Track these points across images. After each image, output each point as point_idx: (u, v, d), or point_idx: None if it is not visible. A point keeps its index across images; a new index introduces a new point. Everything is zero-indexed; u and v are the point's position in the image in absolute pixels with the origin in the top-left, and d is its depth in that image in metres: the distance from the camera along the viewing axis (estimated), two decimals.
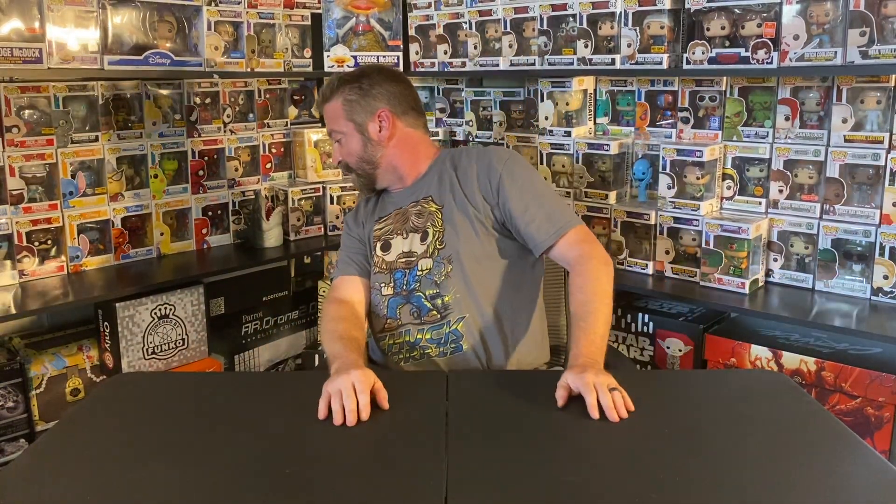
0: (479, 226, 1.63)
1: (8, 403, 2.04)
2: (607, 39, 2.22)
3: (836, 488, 1.05)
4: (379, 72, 1.75)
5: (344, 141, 1.72)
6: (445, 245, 1.62)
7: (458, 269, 1.60)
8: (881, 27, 1.77)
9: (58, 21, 2.06)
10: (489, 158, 1.68)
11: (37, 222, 2.16)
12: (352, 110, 1.69)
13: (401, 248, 1.67)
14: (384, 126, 1.69)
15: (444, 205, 1.66)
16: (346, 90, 1.70)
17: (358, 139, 1.70)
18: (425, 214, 1.67)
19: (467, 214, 1.63)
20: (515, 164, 1.66)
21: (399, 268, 1.65)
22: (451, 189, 1.67)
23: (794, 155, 2.05)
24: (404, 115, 1.72)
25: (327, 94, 1.74)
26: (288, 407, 1.32)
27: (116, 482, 1.07)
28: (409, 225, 1.68)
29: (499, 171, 1.64)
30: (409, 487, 1.04)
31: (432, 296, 1.61)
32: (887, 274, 1.92)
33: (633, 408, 1.24)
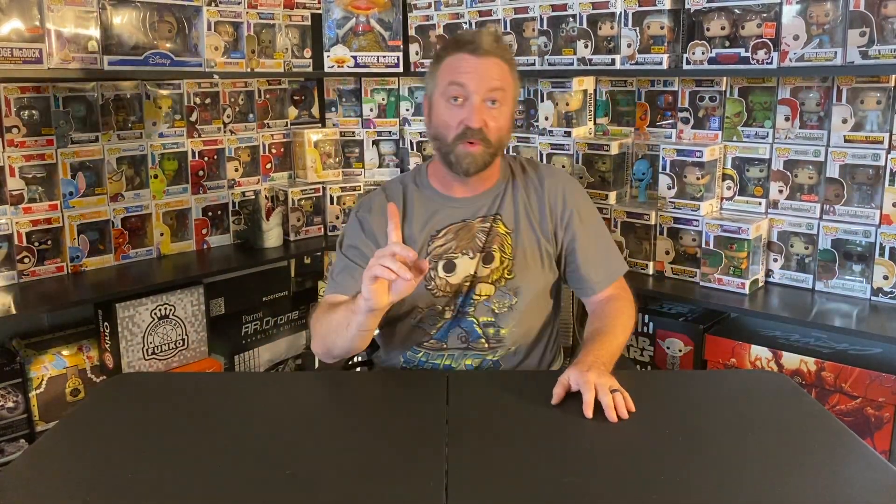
0: (545, 258, 1.55)
1: (8, 404, 2.04)
2: (607, 40, 2.22)
3: (836, 488, 1.05)
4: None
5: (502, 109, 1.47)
6: (515, 276, 1.52)
7: (521, 303, 1.52)
8: (881, 27, 1.77)
9: (58, 21, 2.06)
10: (562, 189, 1.56)
11: (37, 222, 2.16)
12: (515, 83, 1.51)
13: (467, 270, 1.51)
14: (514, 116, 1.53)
15: (514, 230, 1.53)
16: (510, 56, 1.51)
17: (510, 113, 1.50)
18: (493, 235, 1.52)
19: (538, 245, 1.54)
20: (584, 199, 1.60)
21: (462, 291, 1.52)
22: (527, 214, 1.54)
23: (794, 155, 2.05)
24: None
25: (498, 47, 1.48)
26: (288, 407, 1.32)
27: (116, 482, 1.07)
28: (475, 243, 1.52)
29: (571, 207, 1.55)
30: (409, 487, 1.04)
31: (486, 323, 1.52)
32: (887, 274, 1.92)
33: (633, 409, 1.23)
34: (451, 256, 1.52)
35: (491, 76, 1.46)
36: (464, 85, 1.45)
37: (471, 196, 1.55)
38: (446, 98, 1.48)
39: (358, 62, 2.69)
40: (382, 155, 2.87)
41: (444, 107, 1.48)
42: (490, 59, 1.46)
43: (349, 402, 1.37)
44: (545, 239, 1.55)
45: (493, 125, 1.46)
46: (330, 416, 1.30)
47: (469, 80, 1.45)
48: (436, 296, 1.52)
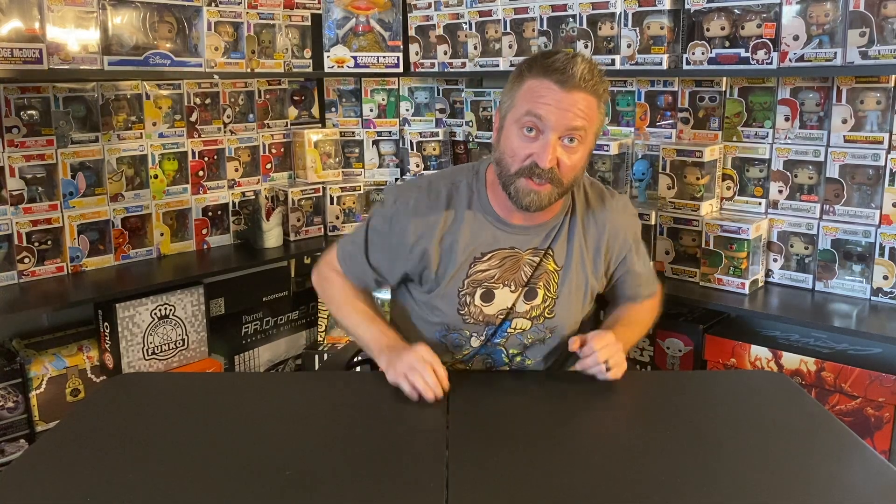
0: (588, 294, 1.51)
1: (8, 404, 2.04)
2: (607, 40, 2.22)
3: (836, 488, 1.05)
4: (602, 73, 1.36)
5: (578, 149, 1.34)
6: (555, 315, 1.46)
7: (554, 339, 1.49)
8: (881, 28, 1.77)
9: (58, 21, 2.06)
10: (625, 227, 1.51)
11: (37, 223, 2.16)
12: (600, 123, 1.36)
13: (504, 304, 1.44)
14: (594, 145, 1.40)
15: (564, 267, 1.45)
16: (603, 90, 1.34)
17: (586, 157, 1.37)
18: (541, 271, 1.44)
19: (585, 283, 1.48)
20: (639, 227, 1.59)
21: (494, 322, 1.46)
22: (580, 253, 1.46)
23: (794, 155, 2.05)
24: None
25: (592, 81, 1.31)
26: (288, 407, 1.32)
27: (116, 482, 1.07)
28: (520, 276, 1.43)
29: (630, 242, 1.53)
30: (409, 488, 1.04)
31: (514, 355, 1.51)
32: (887, 274, 1.92)
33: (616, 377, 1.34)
34: (491, 286, 1.43)
35: (574, 114, 1.31)
36: (542, 118, 1.31)
37: (527, 225, 1.44)
38: (520, 126, 1.34)
39: (358, 62, 2.70)
40: (382, 155, 2.88)
41: (517, 134, 1.35)
42: (578, 93, 1.31)
43: (349, 403, 1.37)
44: (594, 277, 1.50)
45: (566, 164, 1.33)
46: (330, 416, 1.30)
47: (549, 113, 1.31)
48: (466, 322, 1.46)
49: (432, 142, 2.78)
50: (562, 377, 1.59)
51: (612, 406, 1.32)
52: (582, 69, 1.31)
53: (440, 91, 2.86)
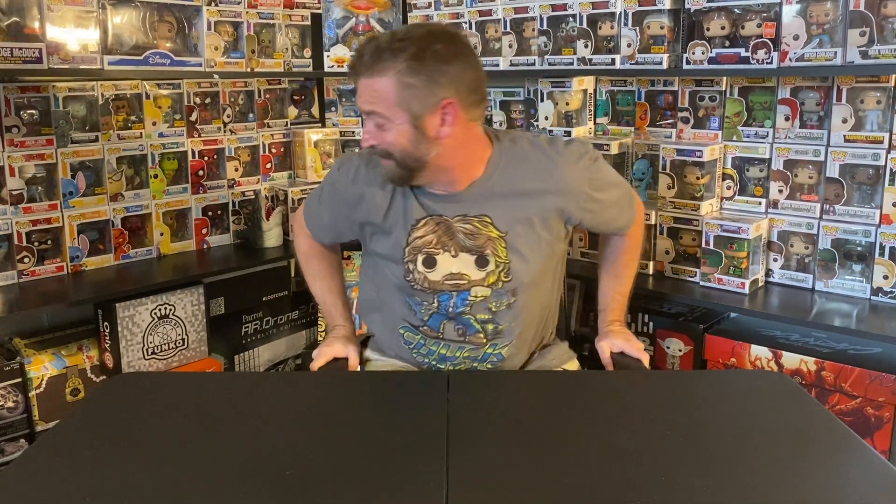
0: (546, 248, 1.50)
1: (8, 403, 2.04)
2: (607, 39, 2.22)
3: (837, 488, 1.05)
4: (449, 43, 1.34)
5: (388, 128, 1.36)
6: (512, 278, 1.47)
7: (520, 301, 1.50)
8: (881, 27, 1.77)
9: (58, 21, 2.06)
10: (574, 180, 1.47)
11: (36, 222, 2.16)
12: (408, 96, 1.32)
13: (449, 269, 1.46)
14: (447, 121, 1.35)
15: (508, 231, 1.45)
16: (403, 67, 1.31)
17: (408, 132, 1.35)
18: (481, 238, 1.46)
19: (537, 240, 1.48)
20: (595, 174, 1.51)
21: (445, 290, 1.48)
22: (517, 212, 1.45)
23: (794, 155, 2.05)
24: (471, 107, 1.38)
25: (373, 64, 1.33)
26: (288, 407, 1.32)
27: (116, 482, 1.07)
28: (459, 243, 1.46)
29: (586, 191, 1.49)
30: (409, 488, 1.04)
31: (484, 321, 1.51)
32: (887, 274, 1.92)
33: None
34: (431, 251, 1.46)
35: (364, 100, 1.37)
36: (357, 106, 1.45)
37: (446, 193, 1.46)
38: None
39: None
40: None
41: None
42: (363, 80, 1.36)
43: (349, 402, 1.37)
44: (548, 232, 1.49)
45: (385, 141, 1.38)
46: (330, 416, 1.30)
47: (358, 100, 1.40)
48: (414, 288, 1.49)
49: None
50: (562, 377, 1.59)
51: (613, 405, 1.32)
52: (365, 55, 1.34)
53: None
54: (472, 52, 1.41)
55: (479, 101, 1.40)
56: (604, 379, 1.52)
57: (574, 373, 1.68)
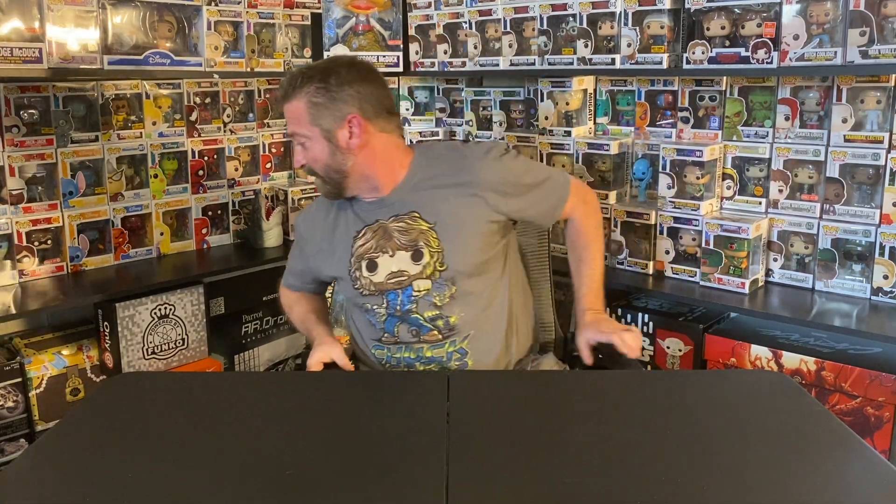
0: (478, 238, 1.56)
1: (8, 403, 2.04)
2: (607, 39, 2.22)
3: (837, 488, 1.05)
4: (349, 68, 1.55)
5: (308, 145, 1.55)
6: (447, 267, 1.54)
7: (462, 290, 1.55)
8: (881, 27, 1.77)
9: (58, 21, 2.06)
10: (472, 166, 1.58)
11: (37, 222, 2.16)
12: (318, 114, 1.52)
13: (389, 268, 1.56)
14: (355, 133, 1.52)
15: (436, 222, 1.55)
16: (311, 89, 1.51)
17: (324, 146, 1.54)
18: (413, 232, 1.56)
19: (465, 227, 1.55)
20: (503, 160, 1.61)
21: (390, 289, 1.57)
22: (442, 203, 1.56)
23: (794, 155, 2.05)
24: (377, 119, 1.55)
25: (289, 91, 1.54)
26: (288, 407, 1.32)
27: (116, 481, 1.07)
28: (395, 242, 1.56)
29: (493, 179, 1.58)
30: (409, 488, 1.04)
31: (432, 317, 1.56)
32: (887, 274, 1.92)
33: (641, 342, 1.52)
34: (372, 256, 1.58)
35: (291, 121, 1.57)
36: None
37: (377, 199, 1.61)
38: None
39: None
40: None
41: None
42: (286, 104, 1.56)
43: (349, 402, 1.37)
44: (470, 217, 1.56)
45: (310, 163, 1.57)
46: (330, 415, 1.30)
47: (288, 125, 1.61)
48: (363, 294, 1.60)
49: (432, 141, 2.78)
50: (562, 377, 1.59)
51: (613, 405, 1.32)
52: (284, 85, 1.56)
53: (440, 90, 2.86)
54: (373, 74, 1.60)
55: (384, 115, 1.58)
56: (604, 379, 1.52)
57: (574, 373, 1.68)
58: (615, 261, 2.30)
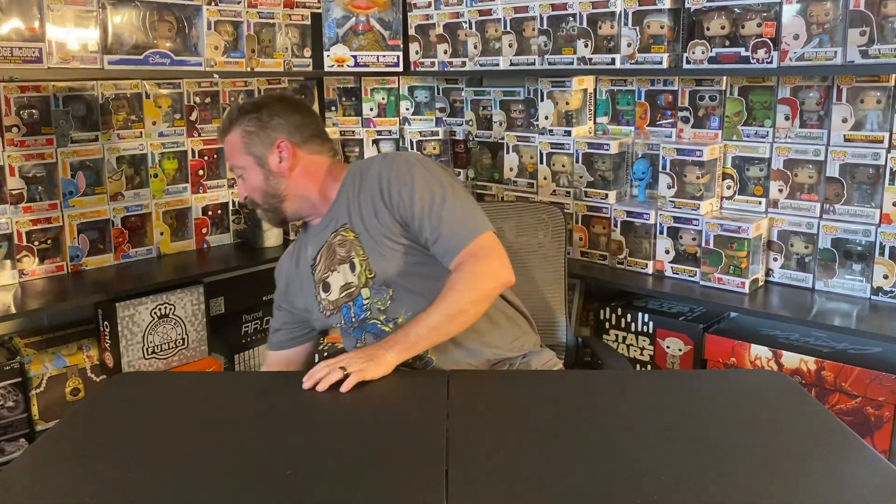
0: (396, 245, 1.57)
1: (8, 403, 2.04)
2: (607, 39, 2.22)
3: (836, 488, 1.05)
4: (279, 101, 1.71)
5: (245, 175, 1.67)
6: (375, 273, 1.58)
7: (399, 291, 1.57)
8: (881, 27, 1.77)
9: (58, 21, 2.06)
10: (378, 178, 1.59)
11: (37, 222, 2.16)
12: (250, 143, 1.65)
13: (339, 283, 1.62)
14: (284, 157, 1.64)
15: (360, 232, 1.60)
16: (244, 122, 1.65)
17: (259, 172, 1.65)
18: (347, 244, 1.61)
19: (382, 235, 1.57)
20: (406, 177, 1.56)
21: (344, 302, 1.62)
22: (360, 212, 1.60)
23: (794, 154, 2.05)
24: (305, 144, 1.67)
25: (225, 126, 1.68)
26: (288, 406, 1.32)
27: (116, 481, 1.07)
28: (337, 258, 1.63)
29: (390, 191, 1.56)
30: (409, 487, 1.04)
31: (385, 321, 1.58)
32: (887, 273, 1.92)
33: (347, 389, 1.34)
34: (324, 277, 1.64)
35: (228, 154, 1.70)
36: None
37: (320, 222, 1.68)
38: None
39: (358, 61, 2.69)
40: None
41: None
42: (224, 138, 1.68)
43: (349, 402, 1.37)
44: (382, 226, 1.57)
45: (250, 192, 1.68)
46: (330, 415, 1.30)
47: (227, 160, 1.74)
48: (328, 316, 1.66)
49: (432, 141, 2.78)
50: (561, 376, 1.59)
51: (612, 405, 1.32)
52: (223, 120, 1.70)
53: (440, 90, 2.86)
54: (301, 106, 1.74)
55: (314, 140, 1.68)
56: (604, 378, 1.53)
57: (574, 372, 1.69)
58: (615, 260, 2.30)
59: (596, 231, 2.34)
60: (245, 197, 1.71)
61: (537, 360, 1.65)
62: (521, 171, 2.55)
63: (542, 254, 1.94)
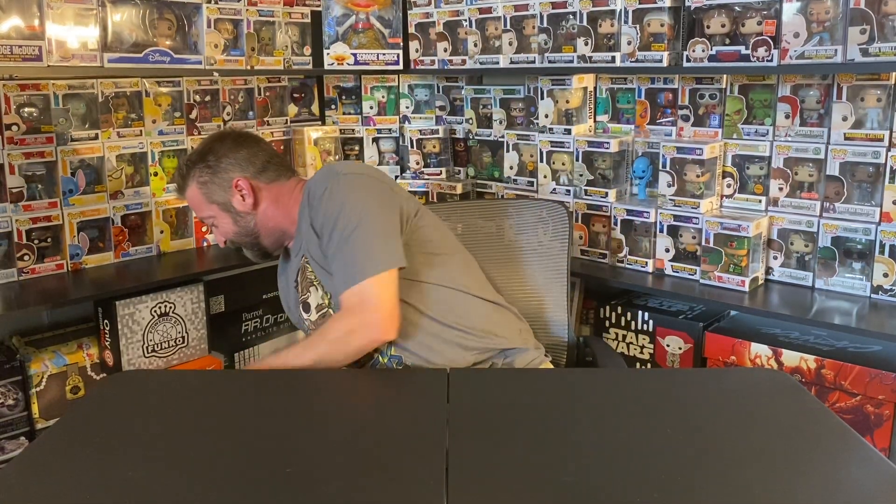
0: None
1: (8, 401, 2.04)
2: (607, 37, 2.22)
3: (836, 486, 1.05)
4: (220, 141, 1.70)
5: (216, 223, 1.70)
6: (331, 295, 1.59)
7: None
8: (881, 25, 1.77)
9: (57, 19, 2.06)
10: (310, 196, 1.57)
11: (36, 220, 2.16)
12: (209, 192, 1.67)
13: (314, 304, 1.64)
14: (245, 195, 1.65)
15: (309, 259, 1.61)
16: (196, 174, 1.67)
17: (227, 217, 1.68)
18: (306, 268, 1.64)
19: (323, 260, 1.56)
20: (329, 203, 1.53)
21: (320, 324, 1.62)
22: (306, 239, 1.60)
23: (795, 153, 2.05)
24: (261, 174, 1.68)
25: (180, 185, 1.70)
26: (288, 405, 1.32)
27: (117, 480, 1.07)
28: (307, 280, 1.65)
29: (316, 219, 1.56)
30: (409, 487, 1.04)
31: None
32: (887, 272, 1.92)
33: None
34: (304, 298, 1.67)
35: (194, 208, 1.74)
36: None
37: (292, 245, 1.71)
38: None
39: (358, 59, 2.69)
40: (382, 152, 2.88)
41: None
42: (183, 195, 1.72)
43: (349, 401, 1.38)
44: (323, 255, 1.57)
45: (227, 237, 1.72)
46: (330, 414, 1.30)
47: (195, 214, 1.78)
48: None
49: (432, 139, 2.78)
50: (561, 375, 1.59)
51: (612, 403, 1.32)
52: (177, 180, 1.72)
53: (440, 88, 2.86)
54: (243, 138, 1.73)
55: (267, 168, 1.69)
56: (603, 377, 1.53)
57: (573, 371, 1.69)
58: (615, 259, 2.30)
59: (596, 229, 2.34)
60: (224, 242, 1.74)
61: (521, 359, 1.64)
62: (521, 169, 2.55)
63: (543, 252, 1.94)
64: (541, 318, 1.90)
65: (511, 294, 1.87)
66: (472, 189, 2.72)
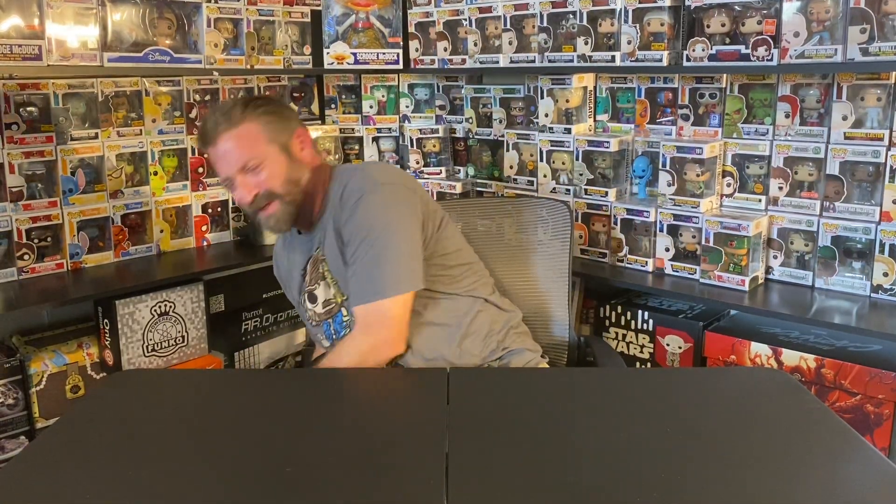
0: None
1: (8, 401, 2.05)
2: (607, 36, 2.22)
3: (836, 485, 1.05)
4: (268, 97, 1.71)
5: (265, 166, 1.54)
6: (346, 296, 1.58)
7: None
8: (881, 24, 1.77)
9: (57, 18, 2.06)
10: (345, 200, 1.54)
11: (36, 219, 2.16)
12: (273, 130, 1.56)
13: (322, 298, 1.62)
14: (305, 145, 1.60)
15: (327, 256, 1.60)
16: (258, 112, 1.56)
17: (283, 160, 1.56)
18: (320, 263, 1.62)
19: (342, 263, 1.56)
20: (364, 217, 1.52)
21: (324, 319, 1.63)
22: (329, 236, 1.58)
23: (795, 152, 2.05)
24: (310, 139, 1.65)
25: (235, 120, 1.54)
26: (288, 404, 1.32)
27: (116, 480, 1.07)
28: (319, 273, 1.63)
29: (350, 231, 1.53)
30: (409, 487, 1.04)
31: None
32: (887, 271, 1.92)
33: None
34: (310, 289, 1.64)
35: (233, 157, 1.54)
36: (223, 177, 1.59)
37: (308, 234, 1.66)
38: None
39: (357, 59, 2.69)
40: (382, 152, 2.88)
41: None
42: (221, 141, 1.53)
43: (349, 400, 1.38)
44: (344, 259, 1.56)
45: (269, 184, 1.55)
46: (330, 413, 1.30)
47: (222, 168, 1.57)
48: (313, 325, 1.68)
49: (432, 138, 2.78)
50: (561, 375, 1.59)
51: (612, 403, 1.32)
52: (214, 121, 1.55)
53: (440, 88, 2.85)
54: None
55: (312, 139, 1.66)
56: (603, 377, 1.53)
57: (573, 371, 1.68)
58: (615, 258, 2.30)
59: (596, 229, 2.34)
60: (257, 194, 1.55)
61: (518, 360, 1.65)
62: (520, 168, 2.55)
63: (543, 251, 1.94)
64: (542, 317, 1.90)
65: (512, 293, 1.87)
66: (472, 188, 2.72)
